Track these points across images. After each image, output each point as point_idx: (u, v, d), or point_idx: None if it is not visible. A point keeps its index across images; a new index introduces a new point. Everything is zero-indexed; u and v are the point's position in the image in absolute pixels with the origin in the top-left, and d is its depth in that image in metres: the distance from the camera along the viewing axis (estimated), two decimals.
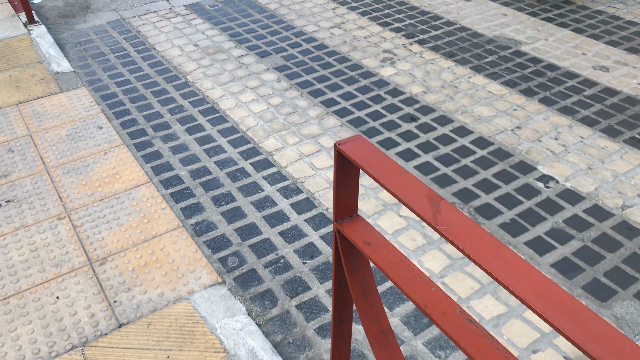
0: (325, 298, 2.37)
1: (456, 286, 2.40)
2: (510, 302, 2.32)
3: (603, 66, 4.00)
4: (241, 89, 3.82)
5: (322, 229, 2.70)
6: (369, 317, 1.39)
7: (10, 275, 2.45)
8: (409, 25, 4.65)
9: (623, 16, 4.74)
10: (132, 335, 2.18)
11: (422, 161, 3.13)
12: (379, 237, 1.29)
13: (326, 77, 3.93)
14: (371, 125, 3.44)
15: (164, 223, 2.71)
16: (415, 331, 2.22)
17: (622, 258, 2.52)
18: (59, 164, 3.11)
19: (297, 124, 3.46)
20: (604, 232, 2.65)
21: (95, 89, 3.86)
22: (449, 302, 1.12)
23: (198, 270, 2.46)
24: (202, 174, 3.07)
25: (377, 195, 2.88)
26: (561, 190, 2.89)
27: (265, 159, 3.17)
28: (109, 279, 2.43)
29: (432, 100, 3.66)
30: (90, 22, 4.85)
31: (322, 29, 4.61)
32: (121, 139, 3.31)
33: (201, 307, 2.28)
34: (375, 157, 1.18)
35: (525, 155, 3.15)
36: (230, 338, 2.15)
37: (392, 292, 2.38)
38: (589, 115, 3.48)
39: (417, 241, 2.62)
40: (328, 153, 3.21)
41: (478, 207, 2.81)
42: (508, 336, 2.19)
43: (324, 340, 2.20)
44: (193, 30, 4.63)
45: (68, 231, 2.67)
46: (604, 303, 2.32)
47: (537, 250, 2.57)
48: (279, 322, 2.28)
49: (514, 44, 4.33)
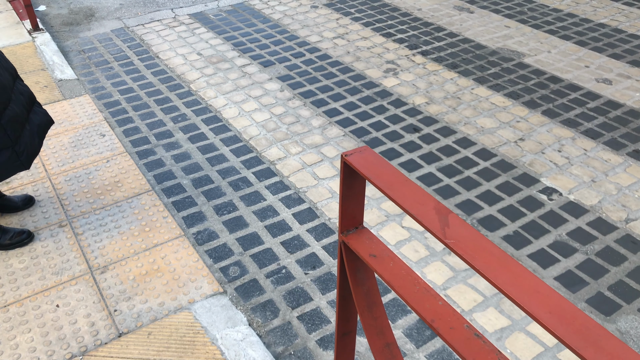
0: (327, 309, 2.35)
1: (459, 298, 2.38)
2: (514, 315, 2.30)
3: (606, 79, 4.00)
4: (244, 98, 3.82)
5: (324, 240, 2.69)
6: (373, 331, 1.38)
7: (11, 283, 2.43)
8: (412, 36, 4.66)
9: (626, 29, 4.75)
10: (132, 345, 2.16)
11: (425, 172, 3.12)
12: (384, 249, 1.27)
13: (329, 87, 3.94)
14: (374, 135, 3.43)
15: (166, 232, 2.70)
16: (418, 344, 2.20)
17: (626, 272, 2.50)
18: (61, 171, 3.10)
19: (300, 133, 3.45)
20: (608, 246, 2.63)
21: (98, 96, 3.86)
22: (455, 316, 1.10)
23: (199, 279, 2.44)
24: (204, 182, 3.06)
25: (379, 206, 2.87)
26: (564, 203, 2.88)
27: (268, 168, 3.17)
28: (110, 287, 2.41)
29: (435, 111, 3.66)
30: (94, 30, 4.87)
31: (326, 39, 4.62)
32: (124, 147, 3.30)
33: (202, 317, 2.27)
34: (382, 168, 1.17)
35: (529, 167, 3.14)
36: (231, 349, 2.13)
37: (395, 304, 2.36)
38: (592, 128, 3.48)
39: (419, 252, 2.60)
40: (330, 163, 3.20)
41: (481, 219, 2.79)
42: (511, 350, 2.17)
43: (325, 352, 2.17)
44: (197, 39, 4.64)
45: (69, 239, 2.65)
46: (608, 317, 2.30)
47: (541, 263, 2.55)
48: (280, 333, 2.26)
49: (517, 55, 4.34)
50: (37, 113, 2.51)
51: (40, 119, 2.50)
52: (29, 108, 2.46)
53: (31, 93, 2.49)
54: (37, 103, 2.54)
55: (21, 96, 2.40)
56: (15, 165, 2.38)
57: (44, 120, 2.52)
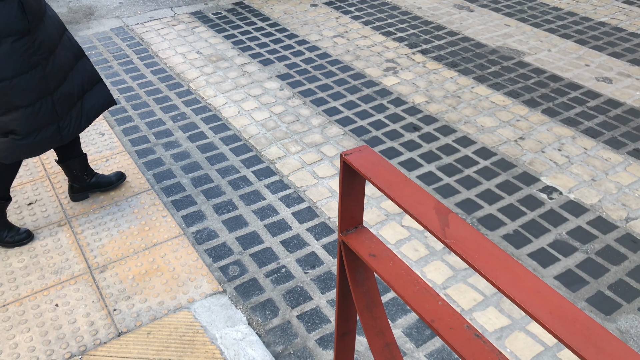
0: (326, 308, 2.35)
1: (459, 298, 2.38)
2: (514, 314, 2.30)
3: (606, 77, 4.00)
4: (244, 97, 3.82)
5: (324, 239, 2.68)
6: (373, 330, 1.37)
7: (10, 282, 2.43)
8: (412, 35, 4.66)
9: (626, 28, 4.74)
10: (132, 345, 2.15)
11: (425, 171, 3.11)
12: (384, 249, 1.27)
13: (329, 86, 3.93)
14: (374, 134, 3.43)
15: (165, 231, 2.69)
16: (418, 343, 2.20)
17: (626, 271, 2.50)
18: (60, 170, 3.09)
19: (300, 132, 3.45)
20: (608, 245, 2.63)
21: None
22: (455, 316, 1.10)
23: (199, 278, 2.44)
24: (204, 181, 3.06)
25: (379, 205, 2.87)
26: (565, 202, 2.88)
27: (267, 167, 3.16)
28: (109, 286, 2.41)
29: (435, 110, 3.65)
30: (93, 28, 4.86)
31: (325, 38, 4.61)
32: (123, 146, 3.30)
33: (201, 317, 2.26)
34: (382, 168, 1.17)
35: (529, 166, 3.14)
36: (231, 348, 2.12)
37: (394, 303, 2.36)
38: (592, 127, 3.47)
39: (419, 252, 2.60)
40: (330, 162, 3.20)
41: (481, 218, 2.79)
42: (511, 349, 2.17)
43: (325, 351, 2.17)
44: (196, 38, 4.63)
45: (68, 238, 2.65)
46: (608, 316, 2.30)
47: (541, 262, 2.55)
48: (280, 332, 2.25)
49: (517, 54, 4.33)
50: (95, 93, 2.57)
51: (96, 100, 2.57)
52: (88, 87, 2.53)
53: (94, 73, 2.57)
54: (101, 83, 2.61)
55: (80, 75, 2.49)
56: (55, 140, 2.45)
57: (100, 101, 2.59)
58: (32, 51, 2.24)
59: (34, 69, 2.26)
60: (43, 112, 2.34)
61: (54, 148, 2.65)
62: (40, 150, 2.42)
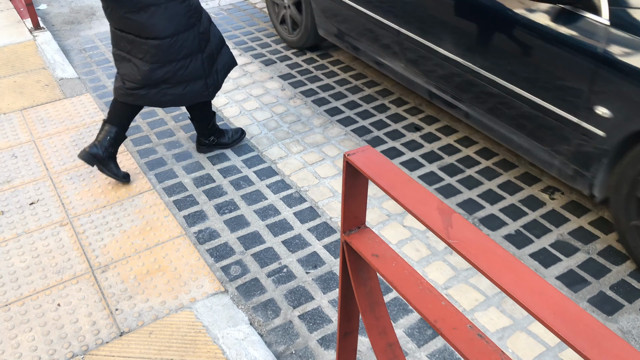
0: (328, 308, 2.35)
1: (460, 298, 2.38)
2: (515, 314, 2.30)
3: None
4: (245, 97, 3.82)
5: (326, 239, 2.68)
6: (375, 331, 1.38)
7: (12, 282, 2.43)
8: None
9: None
10: (134, 344, 2.16)
11: (427, 171, 3.11)
12: (387, 249, 1.27)
13: (330, 86, 3.93)
14: (375, 134, 3.43)
15: (167, 231, 2.70)
16: (420, 343, 2.20)
17: (628, 271, 2.50)
18: (62, 170, 3.10)
19: (301, 132, 3.45)
20: (610, 245, 2.63)
21: (99, 95, 3.86)
22: (459, 316, 1.10)
23: (200, 278, 2.44)
24: (206, 181, 3.06)
25: (381, 205, 2.87)
26: (566, 202, 2.88)
27: (269, 167, 3.16)
28: (111, 286, 2.41)
29: (437, 110, 3.65)
30: (95, 28, 4.86)
31: None
32: (124, 146, 3.30)
33: (203, 316, 2.26)
34: (385, 168, 1.17)
35: (530, 166, 3.14)
36: (233, 348, 2.13)
37: (396, 303, 2.36)
38: None
39: (421, 252, 2.60)
40: (332, 162, 3.20)
41: (483, 218, 2.79)
42: (513, 349, 2.17)
43: (327, 351, 2.17)
44: None
45: (70, 238, 2.65)
46: (610, 317, 2.30)
47: (543, 262, 2.55)
48: (282, 332, 2.25)
49: None
50: (223, 54, 2.93)
51: (226, 60, 2.94)
52: (219, 50, 2.90)
53: (221, 35, 2.92)
54: (226, 45, 2.95)
55: (214, 38, 2.85)
56: (203, 95, 2.85)
57: (228, 61, 2.96)
58: (190, 13, 2.63)
59: (191, 29, 2.65)
60: (191, 68, 2.70)
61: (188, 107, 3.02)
62: (187, 101, 2.81)
